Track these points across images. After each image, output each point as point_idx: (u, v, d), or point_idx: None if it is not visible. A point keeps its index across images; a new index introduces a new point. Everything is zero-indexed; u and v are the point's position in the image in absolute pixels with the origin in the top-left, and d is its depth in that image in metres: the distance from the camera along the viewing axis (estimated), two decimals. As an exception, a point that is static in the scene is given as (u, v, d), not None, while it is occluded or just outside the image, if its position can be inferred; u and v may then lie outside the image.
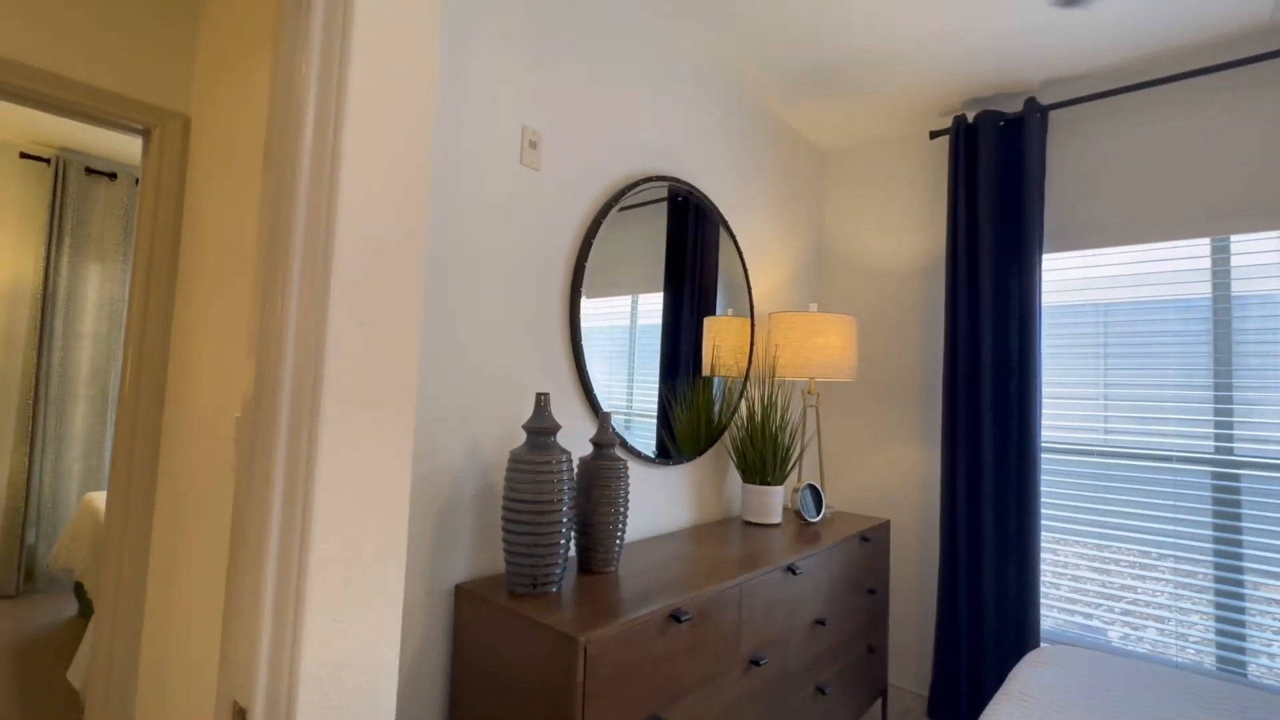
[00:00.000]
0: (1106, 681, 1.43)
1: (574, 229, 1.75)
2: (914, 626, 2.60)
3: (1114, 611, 2.22)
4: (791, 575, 1.76)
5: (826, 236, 2.99)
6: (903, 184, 2.77)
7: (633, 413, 1.98)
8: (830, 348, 2.30)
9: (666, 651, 1.33)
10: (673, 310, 2.13)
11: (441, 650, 1.41)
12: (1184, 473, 2.11)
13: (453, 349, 1.45)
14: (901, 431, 2.69)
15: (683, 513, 2.12)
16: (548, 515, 1.34)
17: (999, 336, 2.36)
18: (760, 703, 1.62)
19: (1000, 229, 2.39)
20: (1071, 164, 2.35)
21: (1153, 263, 2.20)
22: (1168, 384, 2.15)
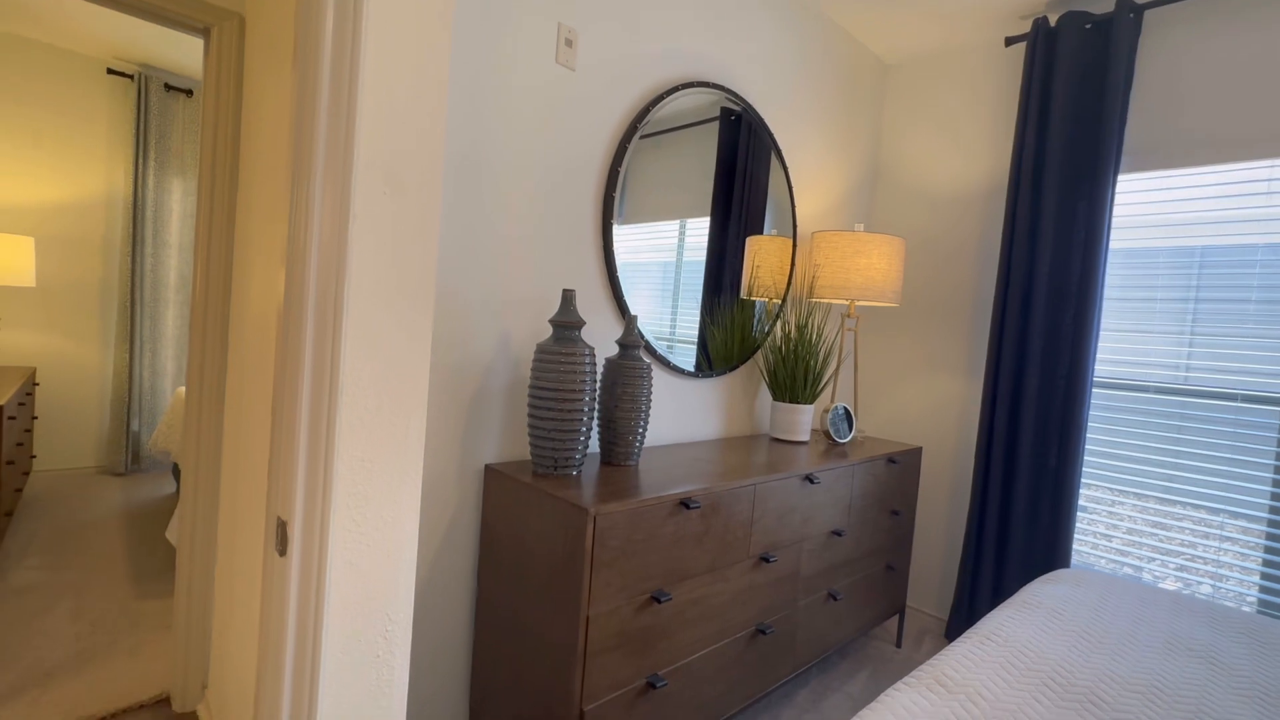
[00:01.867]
0: (1116, 601, 1.43)
1: (610, 132, 1.74)
2: (939, 553, 2.61)
3: (1154, 553, 2.17)
4: (809, 484, 1.80)
5: (882, 156, 2.84)
6: (971, 100, 2.58)
7: (675, 339, 2.03)
8: (873, 269, 2.24)
9: (675, 535, 1.41)
10: (719, 234, 2.13)
11: (472, 520, 1.54)
12: (1249, 412, 1.99)
13: (485, 246, 1.51)
14: (943, 360, 2.62)
15: (712, 425, 2.18)
16: (569, 403, 1.42)
17: (1059, 263, 2.23)
18: (768, 596, 1.71)
19: (1072, 147, 2.21)
20: (1163, 71, 2.12)
21: (1240, 187, 2.00)
22: (1244, 319, 2.00)
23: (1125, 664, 1.14)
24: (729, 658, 1.61)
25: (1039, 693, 1.03)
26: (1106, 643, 1.22)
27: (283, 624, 0.90)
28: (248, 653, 1.36)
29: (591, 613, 1.26)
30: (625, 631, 1.33)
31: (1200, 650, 1.22)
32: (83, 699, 1.66)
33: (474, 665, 1.55)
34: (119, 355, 3.73)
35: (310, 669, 0.89)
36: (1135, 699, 1.03)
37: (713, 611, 1.54)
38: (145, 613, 2.12)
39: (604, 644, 1.29)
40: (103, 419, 3.75)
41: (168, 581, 2.36)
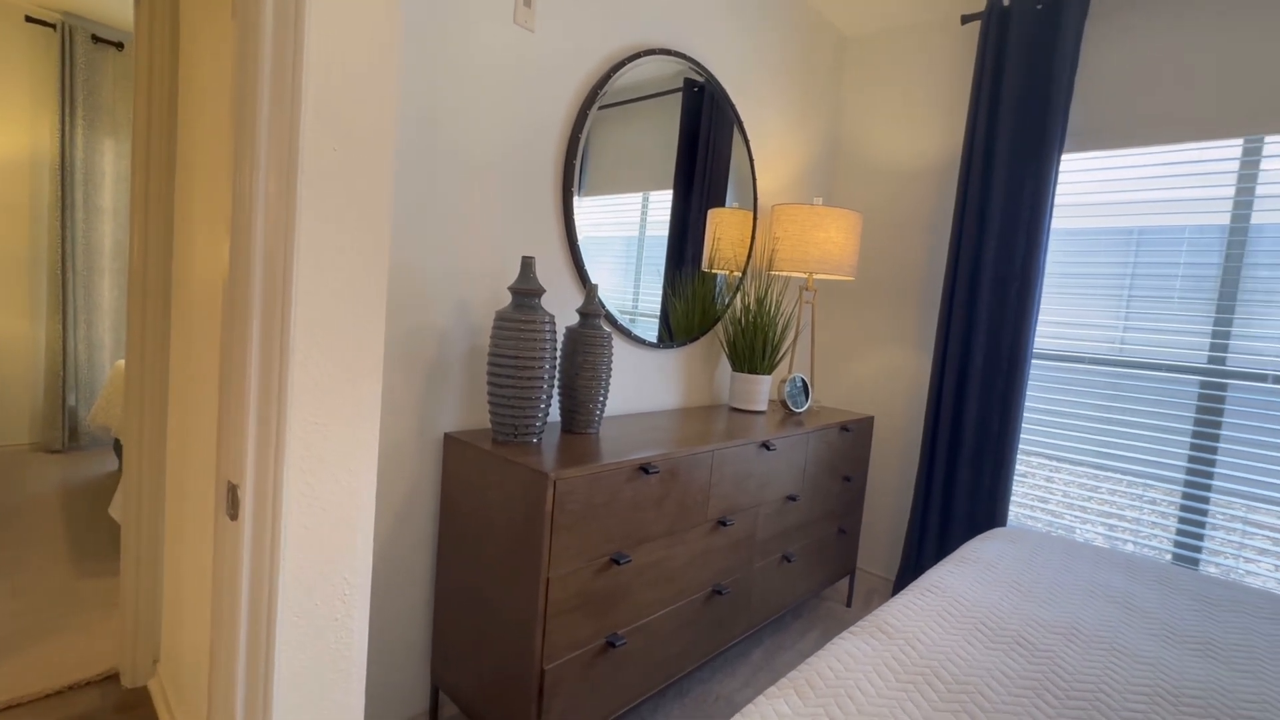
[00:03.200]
0: (1046, 555, 1.53)
1: (570, 98, 1.72)
2: (889, 517, 2.73)
3: (1084, 513, 2.31)
4: (766, 451, 1.86)
5: (842, 130, 2.88)
6: (927, 76, 2.63)
7: (638, 312, 2.04)
8: (831, 243, 2.28)
9: (635, 499, 1.44)
10: (682, 207, 2.13)
11: (431, 487, 1.54)
12: (1173, 381, 2.13)
13: (443, 212, 1.48)
14: (896, 333, 2.71)
15: (673, 395, 2.21)
16: (529, 371, 1.42)
17: (1005, 240, 2.32)
18: (725, 559, 1.76)
19: (1021, 126, 2.28)
20: (1106, 55, 2.20)
21: (1173, 169, 2.11)
22: (1170, 296, 2.12)
23: (1050, 610, 1.23)
24: (686, 617, 1.66)
25: (972, 636, 1.10)
26: (1034, 592, 1.31)
27: (236, 588, 0.90)
28: (200, 623, 1.34)
29: (552, 575, 1.28)
30: (585, 593, 1.36)
31: (1117, 596, 1.33)
32: (24, 677, 1.61)
33: (435, 629, 1.56)
34: (51, 328, 3.53)
35: (265, 632, 0.89)
36: (1057, 639, 1.12)
37: (671, 573, 1.58)
38: (88, 591, 2.05)
39: (564, 605, 1.32)
40: (36, 395, 3.56)
41: (111, 560, 2.28)
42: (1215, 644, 1.16)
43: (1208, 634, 1.19)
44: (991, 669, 1.00)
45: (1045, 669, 1.01)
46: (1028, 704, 0.91)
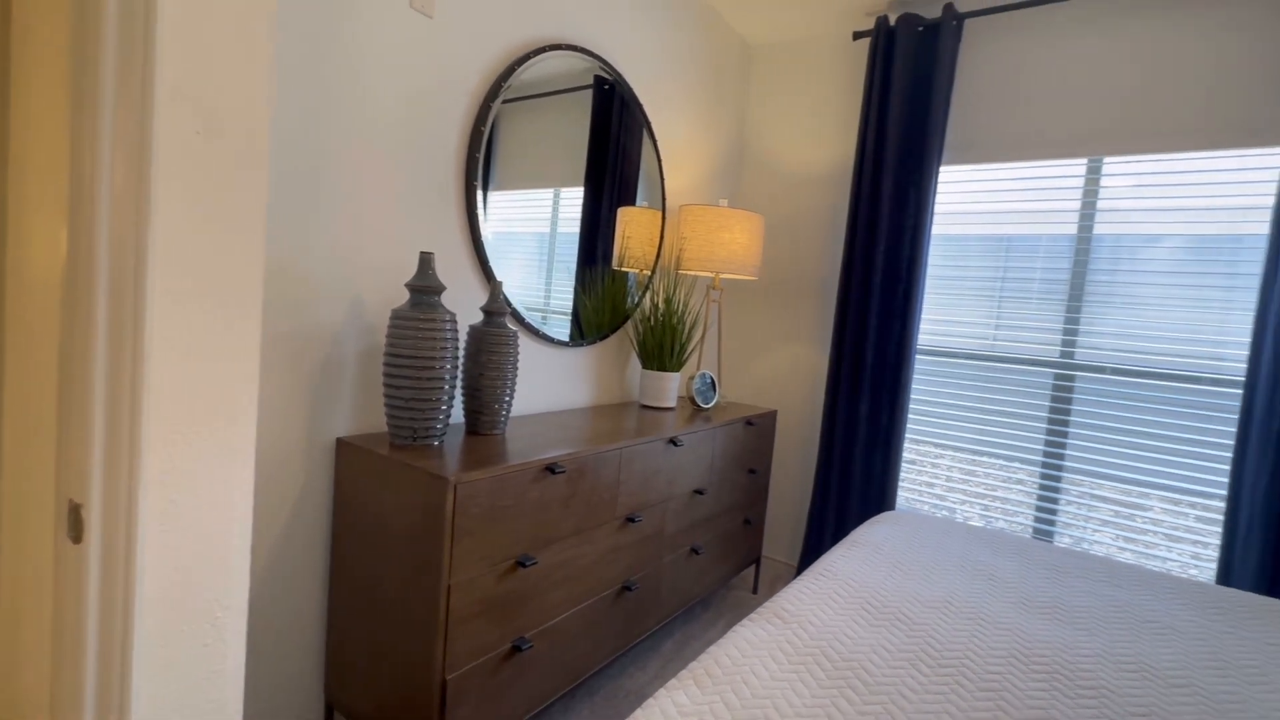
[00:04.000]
0: (925, 535, 1.66)
1: (472, 89, 1.66)
2: (791, 505, 2.87)
3: (964, 495, 2.54)
4: (673, 447, 1.89)
5: (747, 134, 2.98)
6: (824, 87, 2.77)
7: (550, 310, 2.02)
8: (735, 244, 2.36)
9: (541, 500, 1.43)
10: (593, 205, 2.13)
11: (323, 496, 1.45)
12: (1033, 373, 2.37)
13: (333, 205, 1.39)
14: (797, 330, 2.84)
15: (584, 393, 2.20)
16: (428, 371, 1.36)
17: (893, 244, 2.49)
18: (634, 555, 1.78)
19: (906, 138, 2.46)
20: (978, 76, 2.42)
21: (1032, 183, 2.35)
22: (1031, 298, 2.36)
23: (926, 585, 1.34)
24: (596, 616, 1.66)
25: (858, 615, 1.18)
26: (914, 570, 1.42)
27: (81, 619, 0.80)
28: (42, 666, 1.19)
29: (453, 581, 1.24)
30: (490, 598, 1.33)
31: (984, 570, 1.46)
32: None
33: (329, 646, 1.47)
34: None
35: (119, 671, 0.80)
36: (932, 612, 1.22)
37: (579, 572, 1.58)
38: (-96, 631, 1.76)
39: (468, 611, 1.29)
40: None
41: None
42: (1062, 608, 1.30)
43: (1057, 599, 1.34)
44: (874, 645, 1.07)
45: (920, 641, 1.10)
46: (904, 674, 0.99)
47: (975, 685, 0.97)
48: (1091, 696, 0.98)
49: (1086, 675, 1.04)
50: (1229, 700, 1.00)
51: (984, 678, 1.00)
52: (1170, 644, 1.18)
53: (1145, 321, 2.16)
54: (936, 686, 0.96)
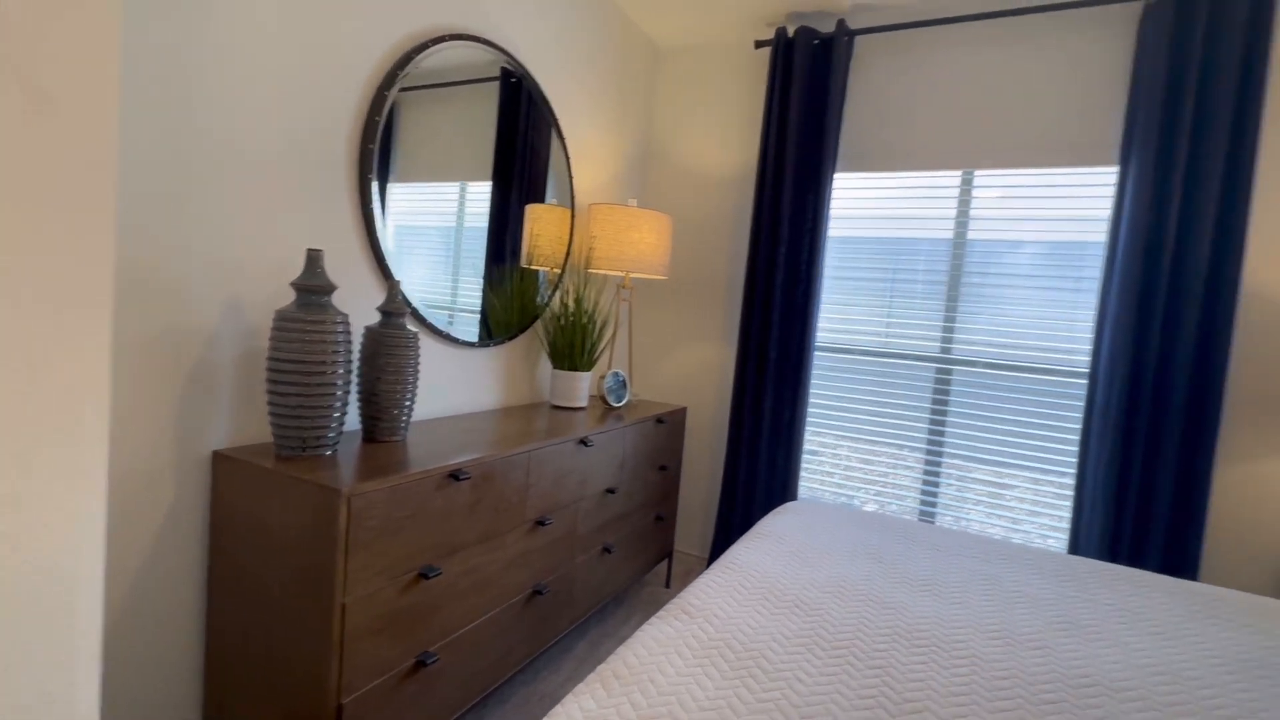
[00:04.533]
0: (823, 522, 1.76)
1: (367, 75, 1.57)
2: (701, 500, 2.95)
3: (860, 484, 2.71)
4: (584, 447, 1.89)
5: (655, 135, 3.01)
6: (729, 92, 2.85)
7: (457, 308, 1.95)
8: (644, 244, 2.38)
9: (445, 508, 1.38)
10: (501, 201, 2.08)
11: (197, 515, 1.32)
12: (918, 368, 2.57)
13: (206, 197, 1.27)
14: (706, 328, 2.92)
15: (493, 394, 2.15)
16: (318, 377, 1.28)
17: (793, 246, 2.61)
18: (546, 557, 1.77)
19: (804, 144, 2.58)
20: (869, 90, 2.58)
21: (916, 191, 2.54)
22: (917, 298, 2.56)
23: (822, 572, 1.42)
24: (506, 622, 1.63)
25: (759, 605, 1.23)
26: (811, 558, 1.50)
27: (-117, 676, 0.68)
28: None
29: (349, 599, 1.17)
30: (390, 613, 1.27)
31: (872, 552, 1.57)
32: None
33: (208, 681, 1.35)
34: None
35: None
36: (827, 597, 1.29)
37: (488, 580, 1.54)
38: None
39: (366, 628, 1.22)
40: None
41: None
42: (939, 584, 1.42)
43: (935, 577, 1.46)
44: (774, 633, 1.12)
45: (816, 625, 1.17)
46: (800, 659, 1.04)
47: (864, 664, 1.04)
48: (964, 665, 1.07)
49: (959, 645, 1.14)
50: (1074, 658, 1.13)
51: (871, 656, 1.07)
52: (1029, 611, 1.32)
53: (1010, 320, 2.40)
54: (829, 669, 1.02)
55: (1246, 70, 1.95)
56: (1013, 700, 0.98)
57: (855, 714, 0.91)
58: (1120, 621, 1.30)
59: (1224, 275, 1.97)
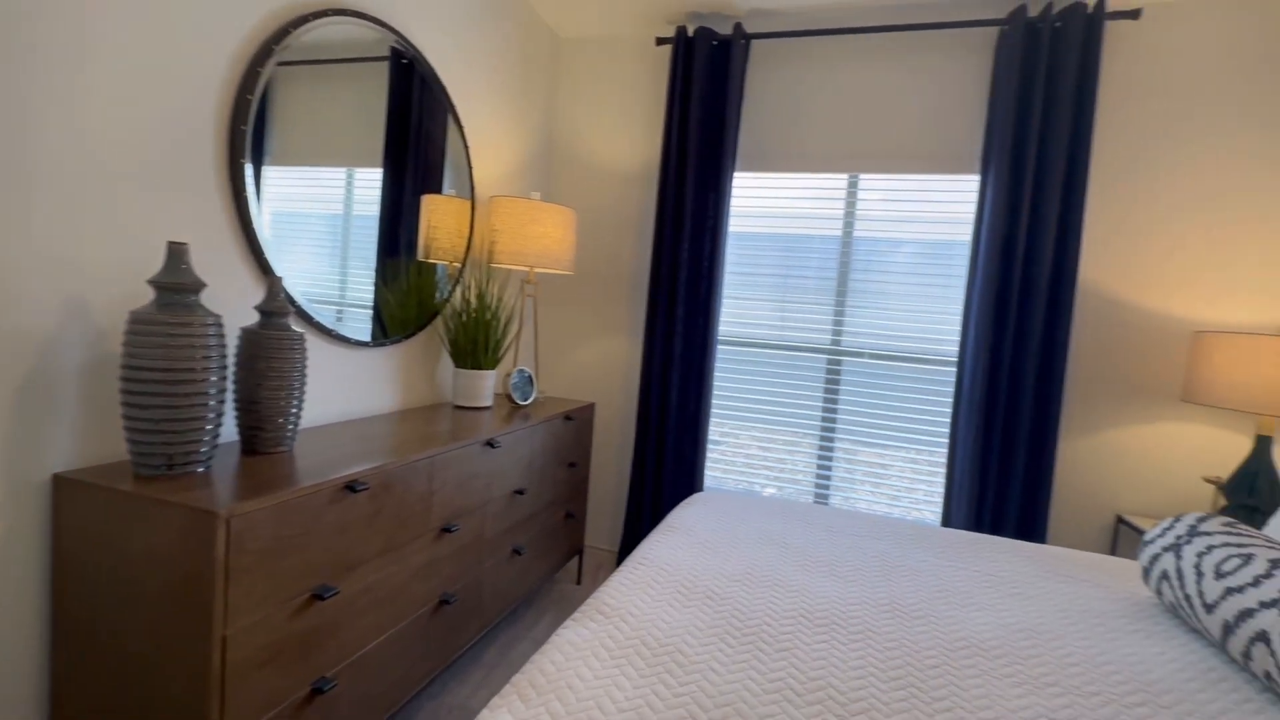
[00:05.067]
0: (729, 511, 1.83)
1: (235, 49, 1.41)
2: (610, 494, 2.96)
3: (761, 470, 2.83)
4: (491, 449, 1.83)
5: (558, 128, 2.96)
6: (631, 87, 2.86)
7: (346, 303, 1.81)
8: (549, 238, 2.34)
9: (341, 522, 1.29)
10: (394, 189, 1.95)
11: (34, 549, 1.14)
12: (810, 359, 2.72)
13: (37, 182, 1.09)
14: (612, 323, 2.92)
15: (390, 397, 2.03)
16: (186, 385, 1.14)
17: (696, 242, 2.66)
18: (452, 565, 1.70)
19: (705, 143, 2.64)
20: (766, 93, 2.68)
21: (808, 191, 2.68)
22: (810, 292, 2.70)
23: (731, 561, 1.47)
24: (411, 637, 1.55)
25: (673, 599, 1.25)
26: (719, 547, 1.55)
27: None
28: None
29: (231, 631, 1.07)
30: (281, 640, 1.17)
31: (776, 538, 1.65)
32: None
33: (54, 736, 1.18)
34: None
35: None
36: (736, 585, 1.34)
37: (390, 594, 1.46)
38: None
39: (252, 660, 1.11)
40: None
41: None
42: (836, 564, 1.52)
43: (832, 557, 1.56)
44: (688, 625, 1.15)
45: (727, 614, 1.21)
46: (714, 649, 1.08)
47: (772, 648, 1.10)
48: (860, 640, 1.16)
49: (855, 621, 1.23)
50: (951, 624, 1.25)
51: (779, 639, 1.13)
52: (912, 583, 1.44)
53: (891, 313, 2.60)
54: (741, 656, 1.06)
55: (1080, 92, 2.22)
56: (902, 669, 1.07)
57: (766, 697, 0.95)
58: (988, 586, 1.46)
59: (1064, 273, 2.25)
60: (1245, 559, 1.17)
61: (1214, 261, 2.23)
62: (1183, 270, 2.26)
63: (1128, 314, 2.32)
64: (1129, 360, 2.32)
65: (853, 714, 0.93)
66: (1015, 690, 1.03)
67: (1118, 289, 2.32)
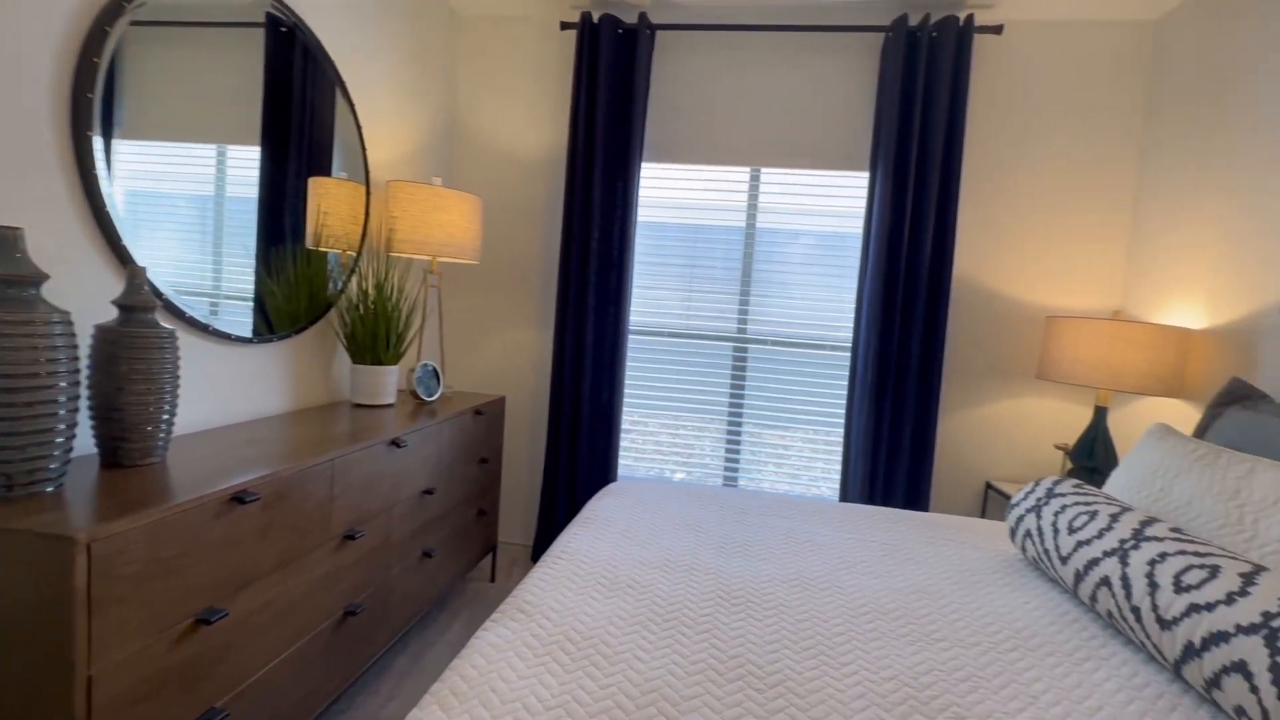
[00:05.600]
0: (645, 499, 1.86)
1: (73, 3, 1.22)
2: (524, 488, 2.91)
3: (672, 456, 2.89)
4: (396, 449, 1.74)
5: (459, 110, 2.83)
6: (535, 71, 2.78)
7: (222, 295, 1.63)
8: (453, 226, 2.24)
9: (228, 537, 1.17)
10: (276, 170, 1.79)
11: None
12: (717, 348, 2.80)
13: None
14: (522, 314, 2.86)
15: (279, 397, 1.86)
16: (27, 394, 0.99)
17: (605, 232, 2.66)
18: (357, 573, 1.60)
19: (613, 132, 2.63)
20: (672, 85, 2.70)
21: (714, 183, 2.75)
22: (717, 281, 2.78)
23: (650, 549, 1.49)
24: (313, 654, 1.45)
25: (594, 591, 1.26)
26: (638, 536, 1.57)
27: None
28: None
29: (98, 669, 0.94)
30: (161, 672, 1.05)
31: (692, 523, 1.70)
32: None
33: None
34: None
35: None
36: (656, 573, 1.36)
37: (287, 610, 1.35)
38: None
39: (126, 698, 0.99)
40: None
41: None
42: (748, 544, 1.59)
43: (744, 538, 1.63)
44: (610, 616, 1.16)
45: (648, 602, 1.23)
46: (637, 638, 1.09)
47: (693, 631, 1.13)
48: (773, 614, 1.22)
49: (768, 597, 1.29)
50: (854, 591, 1.35)
51: (699, 622, 1.16)
52: (817, 556, 1.54)
53: (792, 301, 2.73)
54: (664, 642, 1.08)
55: (954, 98, 2.43)
56: (812, 638, 1.14)
57: (689, 679, 0.98)
58: (884, 554, 1.58)
59: (943, 265, 2.46)
60: (1091, 515, 1.35)
61: (1062, 254, 2.53)
62: (1037, 262, 2.54)
63: (994, 302, 2.58)
64: (995, 343, 2.59)
65: (770, 685, 0.98)
66: (910, 647, 1.13)
67: (985, 279, 2.58)
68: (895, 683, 1.01)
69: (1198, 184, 2.13)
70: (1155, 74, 2.40)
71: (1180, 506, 1.40)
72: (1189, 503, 1.39)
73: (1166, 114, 2.32)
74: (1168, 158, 2.30)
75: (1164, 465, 1.51)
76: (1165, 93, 2.34)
